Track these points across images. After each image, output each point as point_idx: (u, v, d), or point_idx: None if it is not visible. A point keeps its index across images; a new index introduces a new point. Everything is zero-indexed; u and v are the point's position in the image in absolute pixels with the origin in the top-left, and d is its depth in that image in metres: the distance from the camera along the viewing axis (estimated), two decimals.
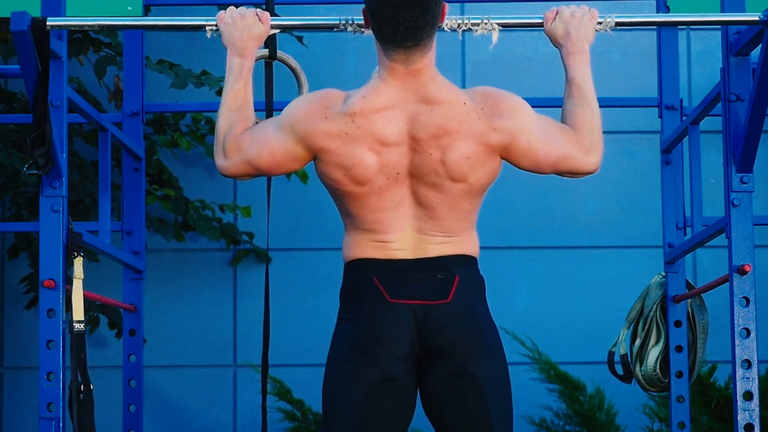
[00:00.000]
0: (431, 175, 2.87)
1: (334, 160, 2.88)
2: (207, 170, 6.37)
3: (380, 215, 2.89)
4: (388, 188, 2.88)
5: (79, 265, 3.57)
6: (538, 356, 5.83)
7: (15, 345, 6.33)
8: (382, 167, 2.86)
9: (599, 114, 3.03)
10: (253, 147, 2.94)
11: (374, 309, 2.87)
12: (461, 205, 2.91)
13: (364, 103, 2.87)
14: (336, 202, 2.96)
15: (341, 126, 2.86)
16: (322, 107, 2.89)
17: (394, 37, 2.83)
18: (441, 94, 2.88)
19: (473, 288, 2.91)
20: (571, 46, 3.06)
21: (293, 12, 5.78)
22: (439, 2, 2.84)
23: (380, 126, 2.86)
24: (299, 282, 6.28)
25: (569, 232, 6.36)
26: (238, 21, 3.07)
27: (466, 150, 2.87)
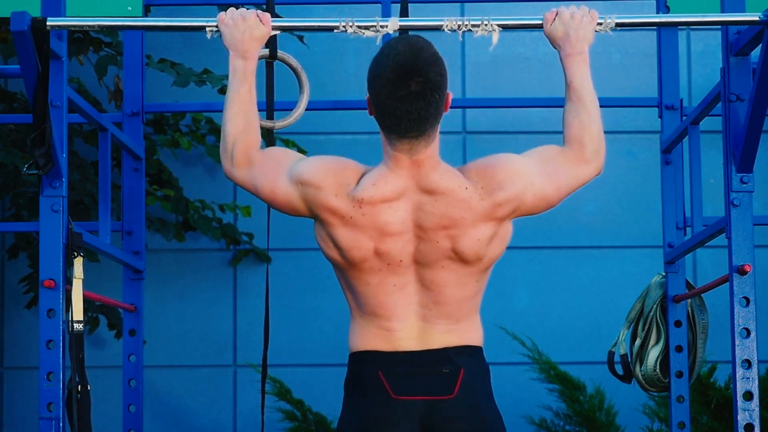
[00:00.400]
0: (440, 260, 2.87)
1: (331, 236, 2.88)
2: (207, 170, 6.37)
3: (383, 299, 2.88)
4: (390, 273, 2.87)
5: (79, 265, 3.57)
6: (538, 356, 5.83)
7: (15, 345, 6.33)
8: (380, 254, 2.86)
9: (599, 116, 3.02)
10: (261, 177, 2.93)
11: (378, 405, 2.86)
12: (468, 284, 2.90)
13: (372, 191, 2.85)
14: (339, 281, 2.95)
15: (347, 208, 2.85)
16: (336, 183, 2.87)
17: (398, 128, 2.81)
18: (443, 183, 2.86)
19: (478, 380, 2.89)
20: (570, 47, 3.06)
21: (293, 12, 5.78)
22: (443, 93, 2.82)
23: (385, 216, 2.85)
24: (299, 282, 6.28)
25: (569, 232, 6.36)
26: (239, 22, 3.06)
27: (476, 233, 2.86)
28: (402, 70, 2.76)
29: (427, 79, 2.76)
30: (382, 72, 2.78)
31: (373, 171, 2.88)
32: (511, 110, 6.19)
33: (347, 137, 6.38)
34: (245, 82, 3.01)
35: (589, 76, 3.04)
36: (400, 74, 2.76)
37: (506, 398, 6.19)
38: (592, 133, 2.99)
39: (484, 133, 6.40)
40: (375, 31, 3.21)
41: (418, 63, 2.76)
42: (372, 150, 6.54)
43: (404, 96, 2.77)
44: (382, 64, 2.78)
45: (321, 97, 5.48)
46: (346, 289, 2.94)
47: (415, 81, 2.76)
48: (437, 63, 2.79)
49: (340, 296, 3.00)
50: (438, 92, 2.79)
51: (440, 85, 2.79)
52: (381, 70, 2.78)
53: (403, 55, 2.77)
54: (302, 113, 3.49)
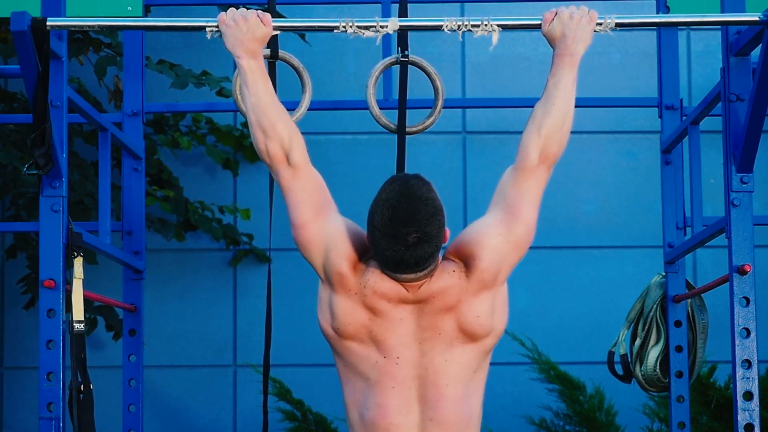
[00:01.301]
0: (445, 353, 2.86)
1: (331, 303, 2.91)
2: (207, 170, 6.37)
3: (383, 404, 2.86)
4: (386, 369, 2.86)
5: (78, 265, 3.57)
6: (538, 356, 5.83)
7: (15, 345, 6.33)
8: (377, 341, 2.86)
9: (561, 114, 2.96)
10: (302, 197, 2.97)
11: None
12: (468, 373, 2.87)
13: (374, 285, 2.87)
14: (341, 377, 2.95)
15: (356, 285, 2.88)
16: (355, 254, 2.89)
17: (397, 269, 2.83)
18: (438, 285, 2.87)
19: None
20: (564, 47, 3.04)
21: (294, 12, 5.78)
22: (442, 230, 2.82)
23: (384, 308, 2.87)
24: (299, 282, 6.28)
25: (569, 232, 6.36)
26: (241, 23, 3.06)
27: (473, 310, 2.87)
28: (400, 223, 2.77)
29: (424, 233, 2.78)
30: (379, 223, 2.79)
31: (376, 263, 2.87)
32: (511, 110, 6.19)
33: (347, 137, 6.38)
34: (267, 78, 3.01)
35: (569, 78, 2.99)
36: (399, 228, 2.77)
37: (506, 398, 6.21)
38: (543, 130, 2.95)
39: (484, 133, 6.40)
40: (375, 31, 3.21)
41: (416, 216, 2.78)
42: (372, 150, 6.55)
43: (401, 249, 2.78)
44: (379, 214, 2.79)
45: (321, 97, 5.48)
46: (347, 403, 2.92)
47: (413, 235, 2.77)
48: (436, 214, 2.80)
49: None
50: (436, 240, 2.81)
51: (438, 233, 2.80)
52: (378, 221, 2.79)
53: (401, 208, 2.78)
54: (305, 112, 3.50)
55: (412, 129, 3.65)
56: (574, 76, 3.01)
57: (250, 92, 2.99)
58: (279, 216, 3.08)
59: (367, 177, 6.02)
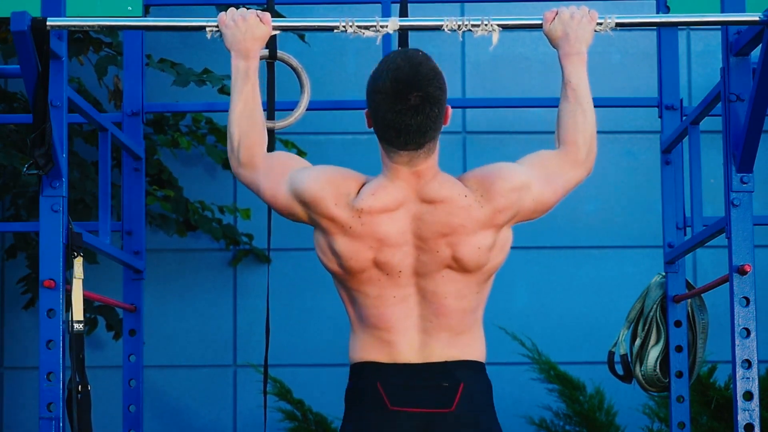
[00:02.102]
0: (441, 270, 2.85)
1: (331, 246, 2.88)
2: (207, 170, 6.37)
3: (384, 311, 2.86)
4: (389, 285, 2.86)
5: (78, 265, 3.57)
6: (538, 356, 5.83)
7: (15, 345, 6.33)
8: (379, 265, 2.85)
9: (594, 118, 3.01)
10: (264, 180, 2.94)
11: (374, 416, 2.84)
12: (469, 295, 2.88)
13: (372, 202, 2.85)
14: (339, 292, 2.94)
15: (347, 218, 2.85)
16: (337, 193, 2.87)
17: (397, 141, 2.81)
18: (442, 192, 2.86)
19: (478, 396, 2.87)
20: (568, 47, 3.06)
21: (293, 12, 5.78)
22: (443, 106, 2.81)
23: (384, 226, 2.84)
24: (299, 282, 6.28)
25: (569, 232, 6.36)
26: (240, 23, 3.06)
27: (476, 241, 2.85)
28: (401, 84, 2.76)
29: (426, 93, 2.77)
30: (381, 86, 2.78)
31: (372, 181, 2.88)
32: (511, 110, 6.20)
33: (347, 137, 6.38)
34: (248, 81, 3.01)
35: (586, 76, 3.04)
36: (400, 88, 2.76)
37: (506, 398, 6.21)
38: (587, 134, 2.99)
39: (484, 133, 6.40)
40: (375, 31, 3.21)
41: (417, 77, 2.77)
42: (372, 150, 6.52)
43: (403, 110, 2.77)
44: (381, 78, 2.79)
45: (321, 97, 5.48)
46: (347, 302, 2.93)
47: (414, 95, 2.76)
48: (437, 77, 2.79)
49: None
50: (437, 106, 2.79)
51: (439, 98, 2.79)
52: (380, 85, 2.78)
53: (402, 70, 2.77)
54: (303, 113, 3.50)
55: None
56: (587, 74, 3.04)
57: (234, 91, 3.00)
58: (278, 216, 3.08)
59: None
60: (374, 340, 2.88)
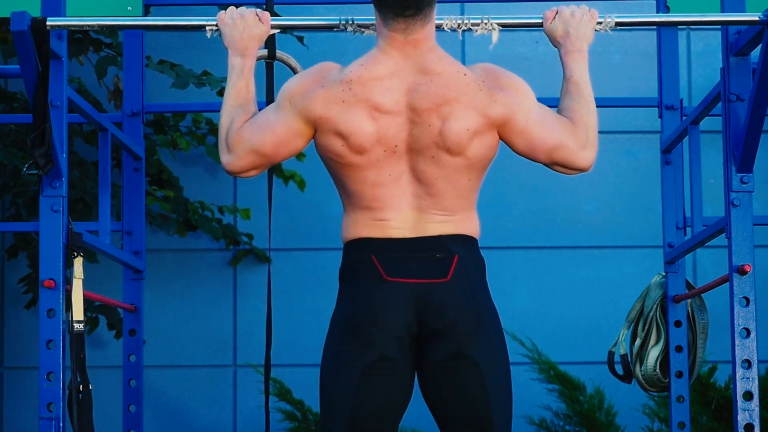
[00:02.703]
0: (431, 148, 2.85)
1: (332, 128, 2.86)
2: (207, 170, 6.37)
3: (379, 191, 2.87)
4: (386, 162, 2.86)
5: (78, 265, 3.57)
6: (538, 356, 5.83)
7: (15, 345, 6.33)
8: (379, 137, 2.85)
9: (596, 113, 3.02)
10: (256, 133, 2.93)
11: (370, 288, 2.85)
12: (460, 181, 2.89)
13: (361, 71, 2.87)
14: (335, 179, 2.94)
15: (338, 93, 2.85)
16: (318, 77, 2.89)
17: (395, 4, 2.83)
18: (440, 64, 2.87)
19: (473, 268, 2.89)
20: (570, 45, 3.07)
21: (293, 12, 5.78)
22: None
23: (377, 94, 2.85)
24: (299, 282, 6.28)
25: (569, 232, 6.36)
26: (238, 21, 3.08)
27: (466, 121, 2.85)
28: None
29: None
30: None
31: (360, 58, 2.90)
32: None
33: None
34: (242, 77, 3.02)
35: (588, 74, 3.04)
36: None
37: None
38: (589, 123, 2.99)
39: None
40: (375, 30, 3.21)
41: None
42: None
43: None
44: None
45: None
46: (341, 187, 2.93)
47: None
48: None
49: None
50: None
51: None
52: None
53: None
54: None
55: None
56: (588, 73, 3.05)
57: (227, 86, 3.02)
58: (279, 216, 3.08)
59: None
60: (368, 219, 2.89)
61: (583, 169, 2.99)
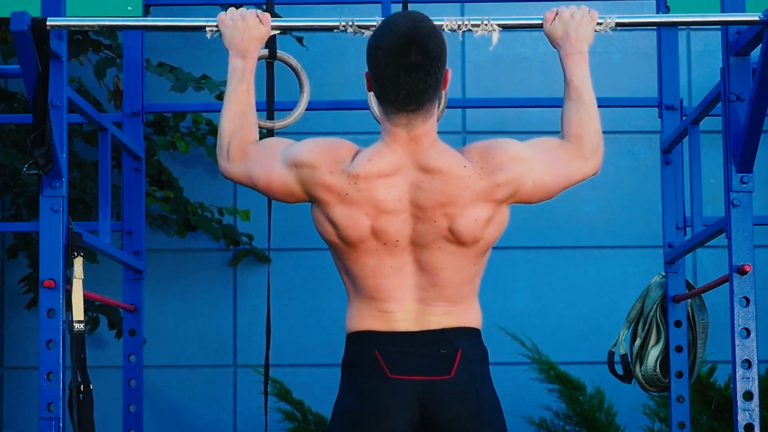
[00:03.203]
0: (438, 241, 2.85)
1: (328, 215, 2.87)
2: (207, 171, 6.37)
3: (380, 281, 2.86)
4: (387, 254, 2.85)
5: (79, 265, 3.57)
6: (538, 356, 5.83)
7: (15, 345, 6.33)
8: (377, 233, 2.84)
9: (598, 115, 3.02)
10: (256, 167, 2.93)
11: (374, 384, 2.84)
12: (466, 267, 2.88)
13: (368, 167, 2.84)
14: (337, 263, 2.94)
15: (343, 185, 2.85)
16: (331, 161, 2.86)
17: (397, 99, 2.81)
18: (440, 160, 2.85)
19: (476, 362, 2.88)
20: (569, 46, 3.06)
21: (293, 12, 5.78)
22: (443, 66, 2.81)
23: (381, 192, 2.84)
24: (299, 282, 6.28)
25: (569, 232, 6.36)
26: (239, 23, 3.07)
27: (474, 213, 2.85)
28: (403, 39, 2.76)
29: (427, 49, 2.76)
30: (382, 42, 2.79)
31: (369, 148, 2.88)
32: (511, 110, 6.19)
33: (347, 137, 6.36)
34: (243, 81, 3.02)
35: (588, 75, 3.04)
36: (401, 44, 2.76)
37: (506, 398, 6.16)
38: (591, 131, 3.00)
39: (484, 133, 6.40)
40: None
41: (418, 34, 2.77)
42: None
43: (404, 65, 2.77)
44: (383, 35, 2.79)
45: (321, 97, 5.48)
46: (343, 272, 2.92)
47: (415, 51, 2.76)
48: (437, 35, 2.80)
49: (340, 296, 2.99)
50: (437, 63, 2.78)
51: (440, 56, 2.79)
52: (381, 41, 2.79)
53: (404, 27, 2.78)
54: (302, 113, 3.50)
55: None
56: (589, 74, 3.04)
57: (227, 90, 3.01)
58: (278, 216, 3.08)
59: None
60: (371, 310, 2.87)
61: (592, 175, 3.01)
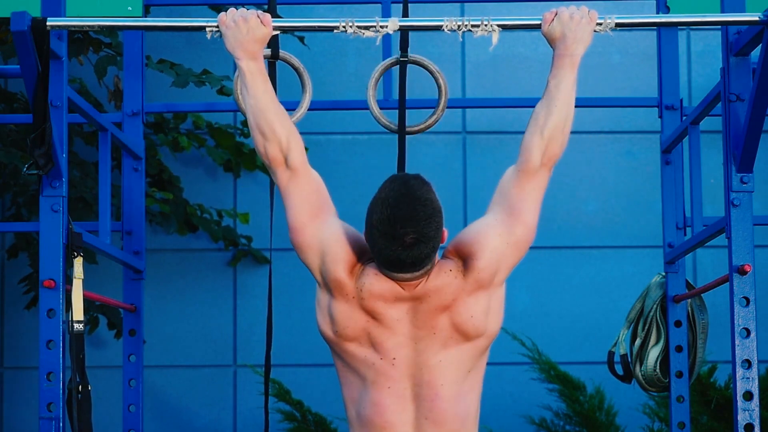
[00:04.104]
0: (439, 354, 2.87)
1: (330, 307, 2.93)
2: (208, 172, 6.36)
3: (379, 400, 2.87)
4: (383, 370, 2.88)
5: (78, 265, 3.57)
6: (538, 356, 5.83)
7: (15, 345, 6.33)
8: (373, 341, 2.88)
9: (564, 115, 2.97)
10: (298, 200, 2.96)
11: None
12: (463, 372, 2.89)
13: (373, 287, 2.88)
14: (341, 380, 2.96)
15: (353, 289, 2.89)
16: (352, 263, 2.90)
17: (392, 269, 2.84)
18: (435, 281, 2.88)
19: None
20: (563, 48, 3.05)
21: (294, 13, 5.78)
22: (440, 231, 2.83)
23: (381, 309, 2.88)
24: (299, 282, 6.28)
25: (569, 232, 6.36)
26: (241, 24, 3.06)
27: (469, 308, 2.88)
28: (398, 223, 2.78)
29: (422, 233, 2.79)
30: (377, 222, 2.80)
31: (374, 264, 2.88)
32: (511, 110, 6.19)
33: (347, 137, 6.38)
34: (266, 79, 3.02)
35: (570, 79, 3.00)
36: (396, 228, 2.78)
37: (506, 398, 6.21)
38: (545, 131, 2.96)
39: (484, 133, 6.40)
40: (375, 31, 3.21)
41: (414, 217, 2.79)
42: (372, 150, 6.55)
43: (398, 248, 2.79)
44: (378, 213, 2.80)
45: (321, 97, 5.48)
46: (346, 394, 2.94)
47: (410, 236, 2.78)
48: (434, 216, 2.81)
49: None
50: (433, 241, 2.82)
51: (435, 235, 2.82)
52: (376, 220, 2.80)
53: (400, 208, 2.79)
54: (305, 112, 3.50)
55: (413, 128, 3.65)
56: (574, 77, 3.01)
57: (249, 94, 2.99)
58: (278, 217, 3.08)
59: (367, 177, 6.02)
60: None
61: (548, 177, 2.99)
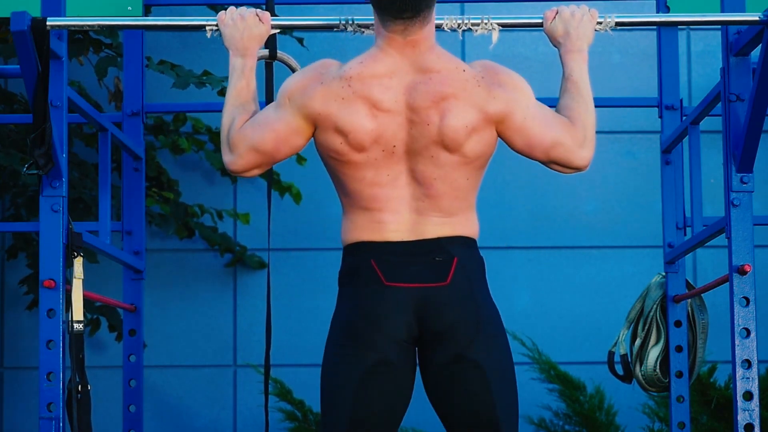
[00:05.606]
0: (429, 148, 2.86)
1: (331, 124, 2.87)
2: (206, 175, 6.36)
3: (377, 191, 2.88)
4: (384, 162, 2.87)
5: (78, 265, 3.57)
6: (538, 356, 5.83)
7: (15, 345, 6.33)
8: (378, 136, 2.86)
9: (594, 113, 3.01)
10: (256, 132, 2.94)
11: (370, 292, 2.86)
12: (458, 180, 2.89)
13: (360, 69, 2.88)
14: (334, 179, 2.95)
15: (337, 89, 2.87)
16: (317, 74, 2.91)
17: (393, 6, 2.84)
18: (439, 62, 2.88)
19: (472, 270, 2.89)
20: (570, 44, 3.07)
21: (293, 12, 5.78)
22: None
23: (377, 92, 2.86)
24: (299, 282, 6.28)
25: (569, 232, 6.36)
26: (239, 22, 3.08)
27: (464, 117, 2.86)
28: None
29: None
30: None
31: (362, 54, 2.90)
32: None
33: None
34: (243, 77, 3.04)
35: (587, 73, 3.04)
36: None
37: None
38: (587, 122, 2.98)
39: None
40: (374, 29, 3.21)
41: None
42: None
43: None
44: None
45: None
46: (339, 187, 2.94)
47: None
48: None
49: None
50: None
51: None
52: None
53: None
54: None
55: None
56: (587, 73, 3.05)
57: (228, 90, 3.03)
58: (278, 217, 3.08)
59: None
60: (367, 222, 2.89)
61: (579, 168, 2.99)
